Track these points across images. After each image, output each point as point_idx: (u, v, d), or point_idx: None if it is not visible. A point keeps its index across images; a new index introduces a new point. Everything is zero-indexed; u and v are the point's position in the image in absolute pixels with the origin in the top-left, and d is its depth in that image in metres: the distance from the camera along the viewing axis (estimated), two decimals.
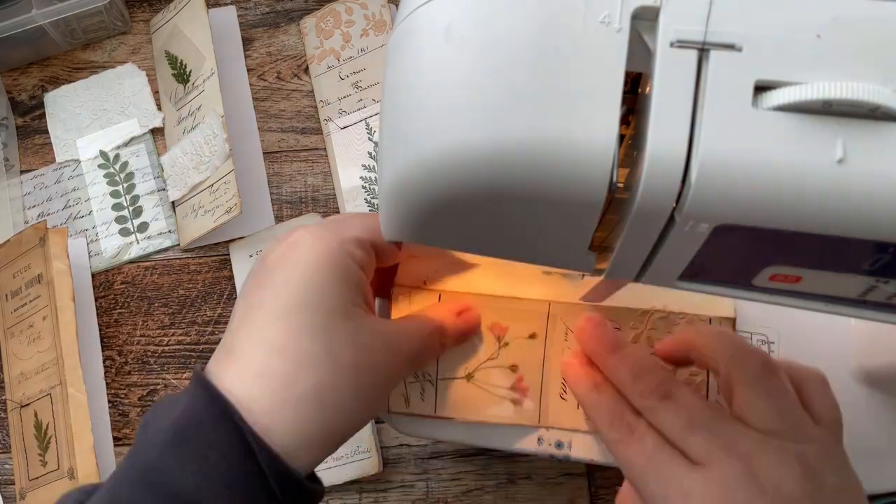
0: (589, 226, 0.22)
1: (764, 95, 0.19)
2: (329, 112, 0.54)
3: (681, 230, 0.21)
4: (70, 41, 0.57)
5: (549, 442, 0.38)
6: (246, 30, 0.57)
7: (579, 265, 0.26)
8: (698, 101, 0.20)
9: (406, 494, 0.47)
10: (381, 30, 0.54)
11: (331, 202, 0.53)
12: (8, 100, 0.57)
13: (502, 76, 0.21)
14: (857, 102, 0.19)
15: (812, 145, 0.19)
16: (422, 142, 0.22)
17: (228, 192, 0.50)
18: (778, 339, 0.39)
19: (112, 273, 0.53)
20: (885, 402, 0.38)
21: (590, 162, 0.20)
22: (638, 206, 0.20)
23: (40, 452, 0.48)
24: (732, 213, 0.20)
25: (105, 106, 0.57)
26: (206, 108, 0.52)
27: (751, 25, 0.20)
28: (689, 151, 0.19)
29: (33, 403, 0.49)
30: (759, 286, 0.24)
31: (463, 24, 0.21)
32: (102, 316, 0.52)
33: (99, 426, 0.49)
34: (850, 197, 0.19)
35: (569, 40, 0.20)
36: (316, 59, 0.55)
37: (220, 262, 0.53)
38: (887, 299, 0.23)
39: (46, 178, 0.56)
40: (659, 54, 0.20)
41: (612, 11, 0.20)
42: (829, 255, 0.21)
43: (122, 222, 0.54)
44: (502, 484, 0.47)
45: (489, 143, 0.21)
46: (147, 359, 0.51)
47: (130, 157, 0.55)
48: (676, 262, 0.23)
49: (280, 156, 0.54)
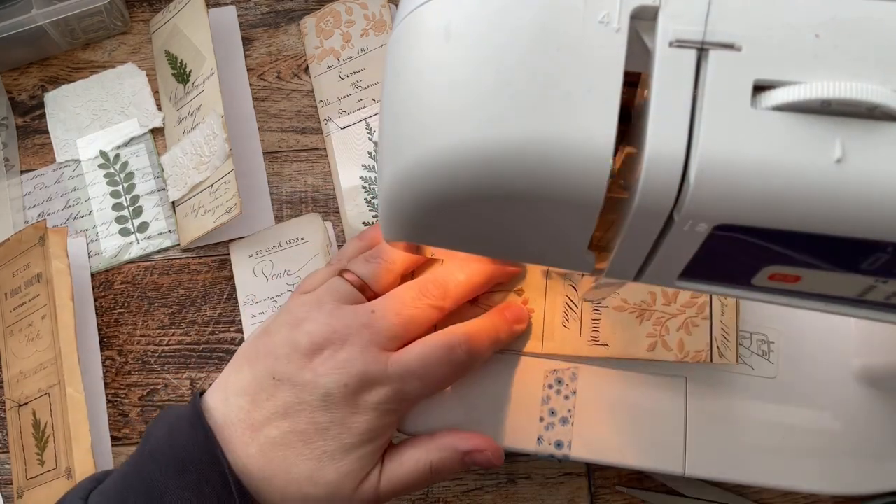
0: (588, 226, 0.22)
1: (763, 95, 0.19)
2: (329, 112, 0.54)
3: (680, 230, 0.21)
4: (70, 41, 0.57)
5: (549, 442, 0.38)
6: (246, 30, 0.57)
7: (578, 265, 0.26)
8: (697, 100, 0.20)
9: (406, 494, 0.47)
10: (381, 30, 0.54)
11: (331, 202, 0.53)
12: (8, 100, 0.57)
13: (501, 76, 0.21)
14: (856, 102, 0.19)
15: (811, 145, 0.19)
16: (421, 142, 0.22)
17: (228, 192, 0.50)
18: (778, 339, 0.39)
19: (112, 273, 0.53)
20: (885, 402, 0.38)
21: (588, 161, 0.20)
22: (637, 205, 0.20)
23: (38, 451, 0.48)
24: (731, 212, 0.20)
25: (105, 106, 0.57)
26: (206, 108, 0.52)
27: (750, 25, 0.20)
28: (687, 151, 0.20)
29: (31, 402, 0.49)
30: (758, 286, 0.24)
31: (462, 23, 0.21)
32: (102, 316, 0.52)
33: (97, 426, 0.49)
34: (848, 196, 0.19)
35: (568, 40, 0.20)
36: (316, 59, 0.55)
37: (220, 262, 0.53)
38: (886, 299, 0.23)
39: (46, 178, 0.56)
40: (658, 54, 0.20)
41: (610, 11, 0.20)
42: (828, 254, 0.21)
43: (122, 222, 0.54)
44: (502, 484, 0.47)
45: (488, 143, 0.21)
46: (147, 359, 0.51)
47: (130, 157, 0.56)
48: (675, 261, 0.23)
49: (280, 156, 0.54)
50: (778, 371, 0.38)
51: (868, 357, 0.38)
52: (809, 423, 0.38)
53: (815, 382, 0.38)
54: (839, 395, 0.38)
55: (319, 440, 0.33)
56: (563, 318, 0.38)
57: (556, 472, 0.46)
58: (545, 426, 0.38)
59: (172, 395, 0.50)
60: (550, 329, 0.38)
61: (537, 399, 0.38)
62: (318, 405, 0.33)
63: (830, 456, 0.37)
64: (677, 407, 0.38)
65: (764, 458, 0.37)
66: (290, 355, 0.34)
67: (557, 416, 0.38)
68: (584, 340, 0.37)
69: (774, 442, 0.37)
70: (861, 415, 0.38)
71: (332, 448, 0.33)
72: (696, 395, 0.38)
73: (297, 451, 0.33)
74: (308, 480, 0.33)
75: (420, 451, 0.35)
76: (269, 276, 0.51)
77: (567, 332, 0.38)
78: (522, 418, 0.38)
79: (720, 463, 0.37)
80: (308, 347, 0.34)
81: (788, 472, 0.37)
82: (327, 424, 0.33)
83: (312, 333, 0.34)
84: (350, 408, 0.34)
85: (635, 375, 0.38)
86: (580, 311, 0.38)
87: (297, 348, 0.34)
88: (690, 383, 0.38)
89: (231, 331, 0.51)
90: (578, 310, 0.38)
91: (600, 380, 0.39)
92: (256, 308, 0.51)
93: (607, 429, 0.38)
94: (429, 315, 0.36)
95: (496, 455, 0.36)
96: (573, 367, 0.38)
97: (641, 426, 0.38)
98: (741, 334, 0.39)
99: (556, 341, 0.38)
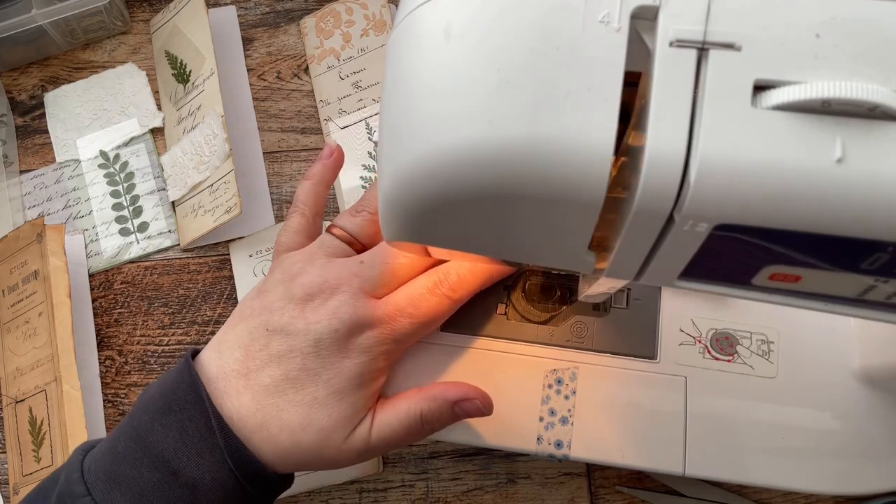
0: (588, 225, 0.22)
1: (763, 95, 0.19)
2: (329, 112, 0.54)
3: (680, 230, 0.21)
4: (70, 41, 0.57)
5: (549, 442, 0.38)
6: (246, 30, 0.57)
7: (578, 265, 0.26)
8: (697, 100, 0.19)
9: (406, 494, 0.47)
10: (381, 30, 0.54)
11: (331, 202, 0.53)
12: (7, 99, 0.57)
13: (502, 76, 0.21)
14: (857, 102, 0.19)
15: (811, 145, 0.19)
16: (421, 142, 0.22)
17: (228, 191, 0.50)
18: (778, 339, 0.39)
19: (112, 273, 0.53)
20: (885, 402, 0.38)
21: (588, 161, 0.20)
22: (637, 205, 0.20)
23: (34, 448, 0.48)
24: (732, 212, 0.20)
25: (105, 106, 0.57)
26: (206, 107, 0.52)
27: (750, 25, 0.20)
28: (688, 151, 0.19)
29: (28, 399, 0.49)
30: (758, 285, 0.24)
31: (462, 23, 0.21)
32: (102, 316, 0.52)
33: (93, 423, 0.50)
34: (849, 196, 0.19)
35: (568, 40, 0.20)
36: (316, 59, 0.55)
37: (220, 262, 0.53)
38: (886, 299, 0.23)
39: (46, 178, 0.56)
40: (658, 54, 0.20)
41: (611, 11, 0.20)
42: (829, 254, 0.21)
43: (122, 222, 0.54)
44: (502, 484, 0.47)
45: (488, 143, 0.21)
46: (147, 359, 0.51)
47: (130, 157, 0.55)
48: (676, 261, 0.23)
49: (280, 156, 0.54)
50: (778, 371, 0.38)
51: (868, 357, 0.38)
52: (809, 423, 0.38)
53: (815, 382, 0.38)
54: (839, 395, 0.38)
55: (311, 386, 0.34)
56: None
57: (556, 472, 0.46)
58: (545, 426, 0.38)
59: None
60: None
61: (537, 399, 0.38)
62: (310, 351, 0.34)
63: (830, 456, 0.37)
64: (677, 407, 0.38)
65: (764, 458, 0.37)
66: (284, 307, 0.35)
67: (557, 415, 0.38)
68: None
69: (774, 442, 0.37)
70: (861, 415, 0.38)
71: (323, 394, 0.34)
72: (696, 395, 0.38)
73: (288, 397, 0.34)
74: (300, 426, 0.34)
75: (411, 402, 0.36)
76: None
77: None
78: (522, 418, 0.38)
79: (720, 463, 0.37)
80: (301, 298, 0.35)
81: (788, 472, 0.37)
82: (318, 370, 0.34)
83: (305, 285, 0.35)
84: (341, 353, 0.34)
85: (635, 375, 0.38)
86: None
87: (291, 299, 0.35)
88: (690, 383, 0.38)
89: None
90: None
91: (600, 380, 0.39)
92: None
93: (607, 429, 0.38)
94: (416, 264, 0.37)
95: (486, 404, 0.36)
96: (573, 367, 0.38)
97: (641, 426, 0.38)
98: (741, 334, 0.39)
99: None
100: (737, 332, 0.39)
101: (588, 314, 0.40)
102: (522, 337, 0.40)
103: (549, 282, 0.41)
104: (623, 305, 0.40)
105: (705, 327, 0.39)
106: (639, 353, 0.39)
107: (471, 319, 0.40)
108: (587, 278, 0.38)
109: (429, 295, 0.36)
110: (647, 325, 0.40)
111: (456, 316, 0.38)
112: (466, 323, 0.40)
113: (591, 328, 0.40)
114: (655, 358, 0.39)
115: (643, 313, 0.40)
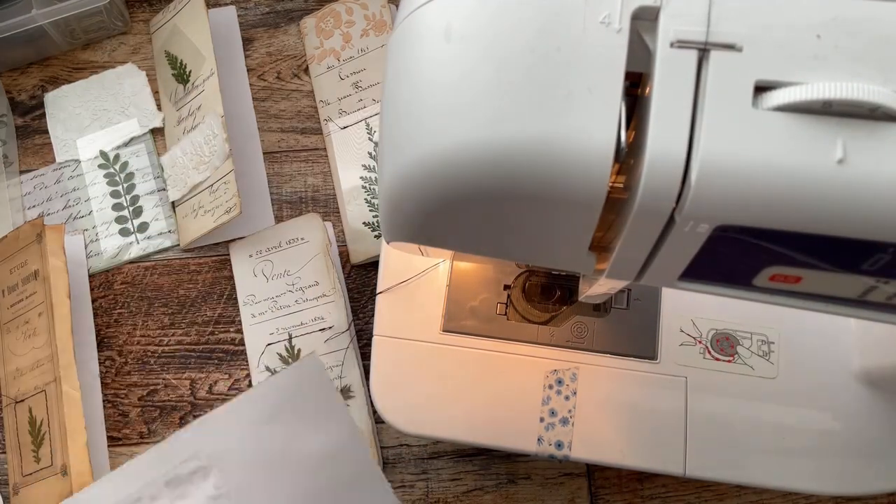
0: (588, 226, 0.22)
1: (764, 96, 0.19)
2: (329, 112, 0.54)
3: (681, 230, 0.21)
4: (70, 41, 0.57)
5: (550, 442, 0.38)
6: (246, 30, 0.57)
7: (579, 266, 0.26)
8: (698, 101, 0.19)
9: (406, 494, 0.47)
10: (381, 30, 0.54)
11: (331, 202, 0.53)
12: (7, 99, 0.57)
13: (502, 76, 0.21)
14: (857, 103, 0.19)
15: (812, 145, 0.19)
16: (422, 142, 0.22)
17: (228, 192, 0.50)
18: (778, 339, 0.39)
19: (112, 273, 0.53)
20: (885, 402, 0.38)
21: (589, 162, 0.20)
22: (638, 206, 0.20)
23: (34, 448, 0.48)
24: (732, 213, 0.20)
25: (105, 106, 0.57)
26: (206, 108, 0.52)
27: (751, 26, 0.20)
28: (689, 152, 0.19)
29: (28, 399, 0.49)
30: (759, 286, 0.24)
31: (463, 24, 0.21)
32: (102, 316, 0.52)
33: (93, 424, 0.50)
34: (850, 197, 0.19)
35: (569, 40, 0.20)
36: (316, 59, 0.55)
37: (220, 262, 0.53)
38: (887, 299, 0.23)
39: (46, 178, 0.56)
40: (659, 54, 0.20)
41: (612, 12, 0.20)
42: (830, 255, 0.21)
43: (122, 222, 0.54)
44: (502, 484, 0.47)
45: (489, 143, 0.21)
46: (147, 359, 0.51)
47: (130, 157, 0.55)
48: (677, 262, 0.23)
49: (280, 156, 0.54)
50: (778, 371, 0.38)
51: (868, 357, 0.38)
52: (809, 423, 0.38)
53: (815, 383, 0.38)
54: (839, 395, 0.38)
55: None
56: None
57: (556, 472, 0.46)
58: (545, 426, 0.38)
59: (172, 396, 0.50)
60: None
61: (537, 399, 0.38)
62: None
63: (830, 456, 0.37)
64: (677, 407, 0.38)
65: (764, 458, 0.37)
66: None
67: (558, 416, 0.38)
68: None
69: (775, 442, 0.37)
70: (861, 415, 0.38)
71: None
72: (696, 395, 0.38)
73: None
74: None
75: None
76: (269, 276, 0.51)
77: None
78: (523, 419, 0.38)
79: (720, 463, 0.37)
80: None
81: (788, 472, 0.37)
82: None
83: None
84: None
85: (635, 375, 0.38)
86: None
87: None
88: (691, 384, 0.38)
89: (231, 331, 0.51)
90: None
91: (600, 380, 0.39)
92: (256, 308, 0.51)
93: (607, 429, 0.38)
94: None
95: None
96: (573, 368, 0.38)
97: (641, 426, 0.38)
98: (742, 335, 0.39)
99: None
100: (737, 332, 0.39)
101: (588, 314, 0.40)
102: (523, 337, 0.40)
103: (549, 282, 0.41)
104: (623, 306, 0.40)
105: (706, 328, 0.39)
106: (639, 354, 0.39)
107: (471, 320, 0.40)
108: (588, 279, 0.38)
109: None
110: (648, 325, 0.40)
111: (456, 316, 0.38)
112: (466, 323, 0.40)
113: (592, 328, 0.40)
114: (656, 358, 0.39)
115: (643, 314, 0.40)
